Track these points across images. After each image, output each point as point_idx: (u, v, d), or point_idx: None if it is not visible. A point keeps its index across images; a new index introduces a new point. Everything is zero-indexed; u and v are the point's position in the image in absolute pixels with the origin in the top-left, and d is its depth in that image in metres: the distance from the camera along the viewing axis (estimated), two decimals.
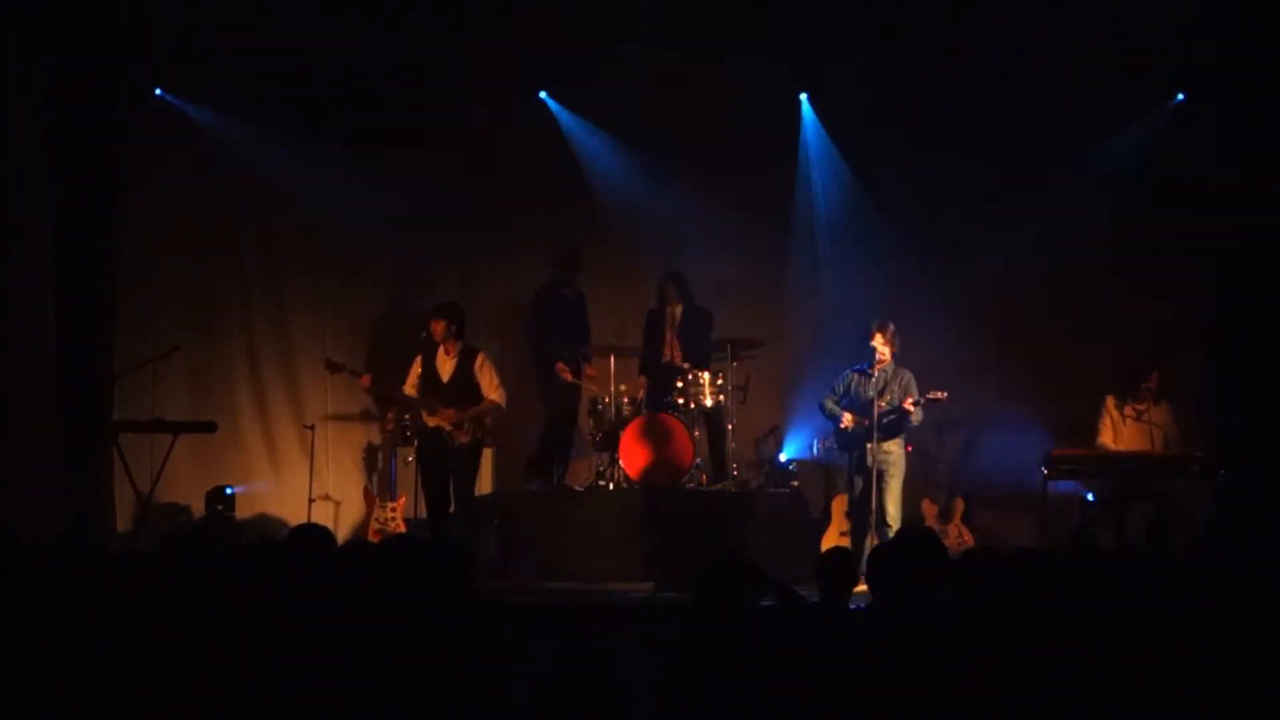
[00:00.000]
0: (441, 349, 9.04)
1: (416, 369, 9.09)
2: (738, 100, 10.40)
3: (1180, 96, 10.49)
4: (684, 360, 9.79)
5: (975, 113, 10.21)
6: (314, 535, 5.19)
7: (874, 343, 8.79)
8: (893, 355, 8.81)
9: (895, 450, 8.77)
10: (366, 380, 9.30)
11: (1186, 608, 4.38)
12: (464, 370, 8.99)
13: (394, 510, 10.05)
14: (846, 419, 8.79)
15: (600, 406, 9.88)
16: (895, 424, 8.74)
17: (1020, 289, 10.41)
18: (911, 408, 8.64)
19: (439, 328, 9.00)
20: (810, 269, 10.85)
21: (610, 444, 9.72)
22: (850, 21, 10.15)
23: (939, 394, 8.68)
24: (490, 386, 9.00)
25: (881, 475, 8.65)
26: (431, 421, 8.93)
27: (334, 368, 9.34)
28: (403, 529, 9.76)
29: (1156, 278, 10.44)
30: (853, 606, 5.02)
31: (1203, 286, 10.54)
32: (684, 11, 10.10)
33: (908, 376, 8.83)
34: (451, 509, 9.02)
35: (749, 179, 10.65)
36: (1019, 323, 10.51)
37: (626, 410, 9.79)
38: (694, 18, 10.10)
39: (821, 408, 9.04)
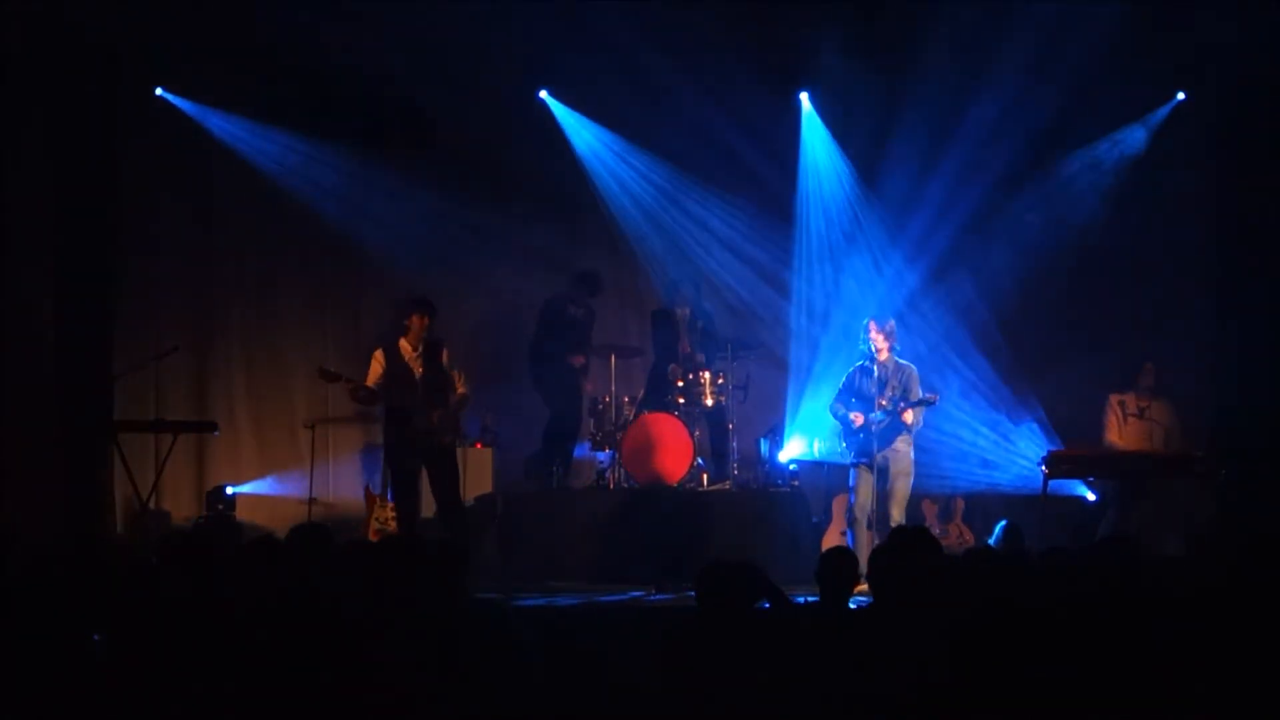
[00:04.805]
0: (405, 344, 8.68)
1: (379, 366, 8.65)
2: (737, 98, 10.40)
3: (1180, 96, 10.51)
4: (705, 362, 9.73)
5: (976, 112, 10.22)
6: (313, 535, 5.20)
7: (870, 338, 8.66)
8: (890, 350, 8.66)
9: (904, 449, 8.56)
10: (354, 387, 8.70)
11: (1186, 608, 4.38)
12: (435, 365, 8.67)
13: (394, 510, 10.02)
14: (857, 418, 8.58)
15: (600, 406, 9.88)
16: (896, 423, 8.56)
17: (1022, 286, 10.43)
18: (909, 417, 8.46)
19: (423, 322, 8.68)
20: (811, 268, 10.86)
21: (610, 444, 9.72)
22: (850, 21, 10.18)
23: (930, 396, 8.60)
24: (461, 379, 8.74)
25: (886, 474, 8.50)
26: (425, 423, 8.58)
27: (329, 377, 8.83)
28: None
29: (1157, 277, 10.49)
30: (853, 606, 5.01)
31: (1202, 285, 10.59)
32: (684, 11, 10.11)
33: (909, 372, 8.66)
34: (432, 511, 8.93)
35: (749, 177, 10.67)
36: (1020, 320, 10.53)
37: (627, 410, 9.80)
38: (694, 17, 10.11)
39: (833, 412, 8.81)
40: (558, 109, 10.83)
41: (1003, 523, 8.67)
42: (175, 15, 9.93)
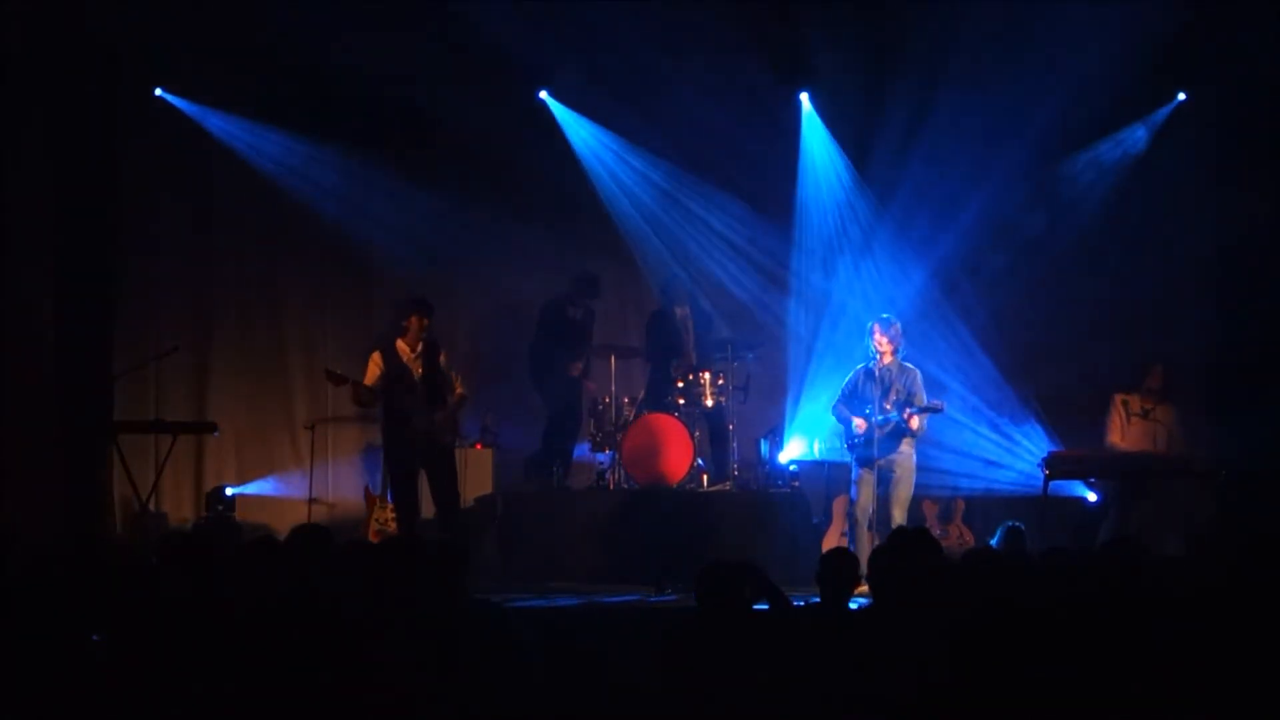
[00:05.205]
0: (403, 345, 8.65)
1: (376, 368, 8.59)
2: (737, 98, 10.39)
3: (1180, 97, 10.52)
4: (702, 362, 9.76)
5: (977, 113, 10.22)
6: (313, 535, 5.20)
7: (873, 340, 8.61)
8: (895, 353, 8.60)
9: (907, 452, 8.51)
10: (355, 389, 8.66)
11: (1186, 608, 4.38)
12: (433, 366, 8.67)
13: (394, 511, 10.01)
14: (859, 424, 8.51)
15: (600, 407, 9.88)
16: (899, 428, 8.48)
17: (1023, 287, 10.43)
18: (914, 424, 8.38)
19: (421, 323, 8.65)
20: (811, 268, 10.85)
21: (610, 444, 9.72)
22: (850, 22, 10.18)
23: (936, 404, 8.57)
24: (459, 380, 8.77)
25: (888, 479, 8.46)
26: (426, 424, 8.57)
27: (336, 379, 8.71)
28: None
29: (1158, 277, 10.49)
30: (853, 606, 5.01)
31: (1202, 285, 10.59)
32: (684, 10, 10.11)
33: (912, 375, 8.60)
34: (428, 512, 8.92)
35: (749, 177, 10.67)
36: (1021, 321, 10.52)
37: (627, 411, 9.80)
38: (694, 16, 10.11)
39: (835, 414, 8.76)
40: (558, 109, 10.82)
41: (1004, 524, 8.66)
42: (175, 15, 9.94)
